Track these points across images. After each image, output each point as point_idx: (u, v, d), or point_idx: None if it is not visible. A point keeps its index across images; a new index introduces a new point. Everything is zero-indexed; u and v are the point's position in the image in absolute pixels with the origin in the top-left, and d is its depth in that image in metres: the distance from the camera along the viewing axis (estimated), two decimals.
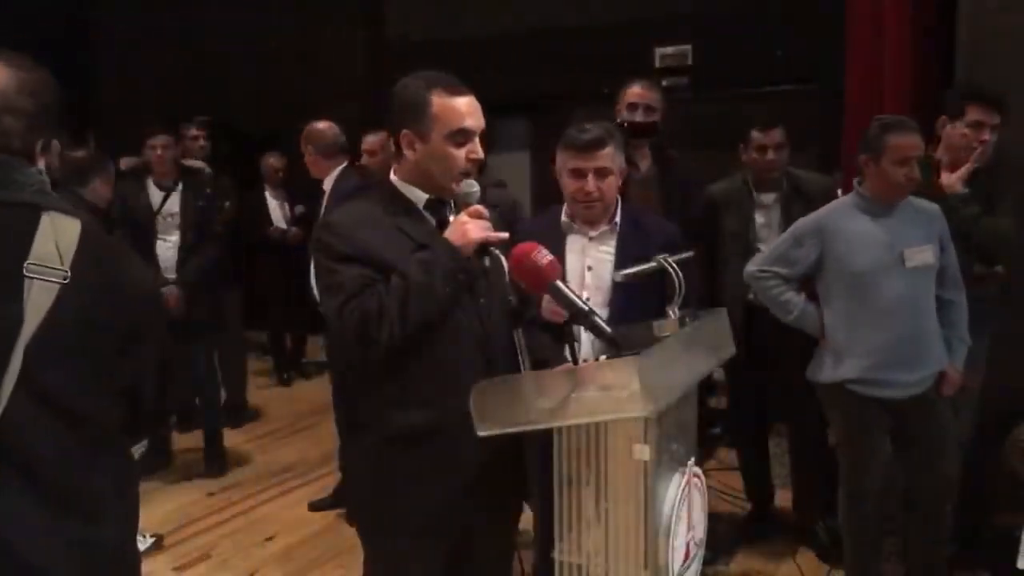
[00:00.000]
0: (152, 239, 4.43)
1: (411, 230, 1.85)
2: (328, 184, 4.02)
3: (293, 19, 7.81)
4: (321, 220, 1.92)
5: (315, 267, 1.88)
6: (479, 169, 1.93)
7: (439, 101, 1.83)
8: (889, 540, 3.27)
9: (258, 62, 7.92)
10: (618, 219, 2.52)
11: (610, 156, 2.42)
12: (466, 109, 1.85)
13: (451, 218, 1.90)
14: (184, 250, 4.47)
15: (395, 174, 1.93)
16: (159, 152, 4.49)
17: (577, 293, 1.82)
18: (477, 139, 1.87)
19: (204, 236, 4.54)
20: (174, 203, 4.53)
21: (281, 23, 7.87)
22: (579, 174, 2.43)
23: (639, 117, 3.33)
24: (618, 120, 3.29)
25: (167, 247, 4.47)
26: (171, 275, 4.43)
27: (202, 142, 5.51)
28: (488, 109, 1.92)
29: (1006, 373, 3.24)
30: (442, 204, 1.92)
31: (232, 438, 5.22)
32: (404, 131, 1.86)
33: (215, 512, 4.13)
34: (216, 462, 4.67)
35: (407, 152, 1.88)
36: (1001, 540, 3.15)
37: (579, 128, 2.45)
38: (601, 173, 2.42)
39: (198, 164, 5.28)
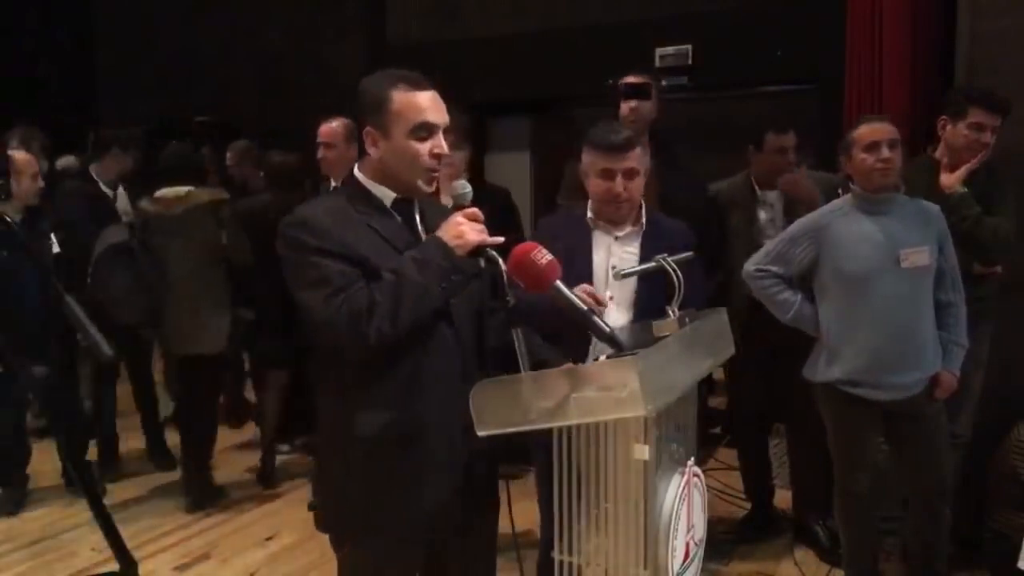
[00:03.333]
0: None
1: (382, 228, 1.83)
2: None
3: (293, 19, 7.81)
4: (293, 217, 1.85)
5: (290, 264, 1.82)
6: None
7: (399, 97, 1.81)
8: (889, 540, 3.28)
9: (258, 62, 7.93)
10: (643, 220, 2.55)
11: (638, 157, 2.44)
12: (427, 104, 1.82)
13: (418, 217, 1.90)
14: None
15: (360, 171, 1.90)
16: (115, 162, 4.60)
17: (578, 294, 1.82)
18: (441, 134, 1.84)
19: None
20: (123, 201, 4.60)
21: (281, 23, 7.88)
22: (609, 175, 2.44)
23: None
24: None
25: None
26: None
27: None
28: (488, 109, 1.91)
29: (1006, 373, 3.24)
30: (409, 204, 1.90)
31: (232, 438, 5.23)
32: (367, 128, 1.85)
33: (215, 512, 4.13)
34: (162, 459, 4.73)
35: (371, 150, 1.86)
36: (1001, 540, 3.15)
37: (607, 128, 2.47)
38: (629, 174, 2.44)
39: None
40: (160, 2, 8.44)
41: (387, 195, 1.88)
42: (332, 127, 3.96)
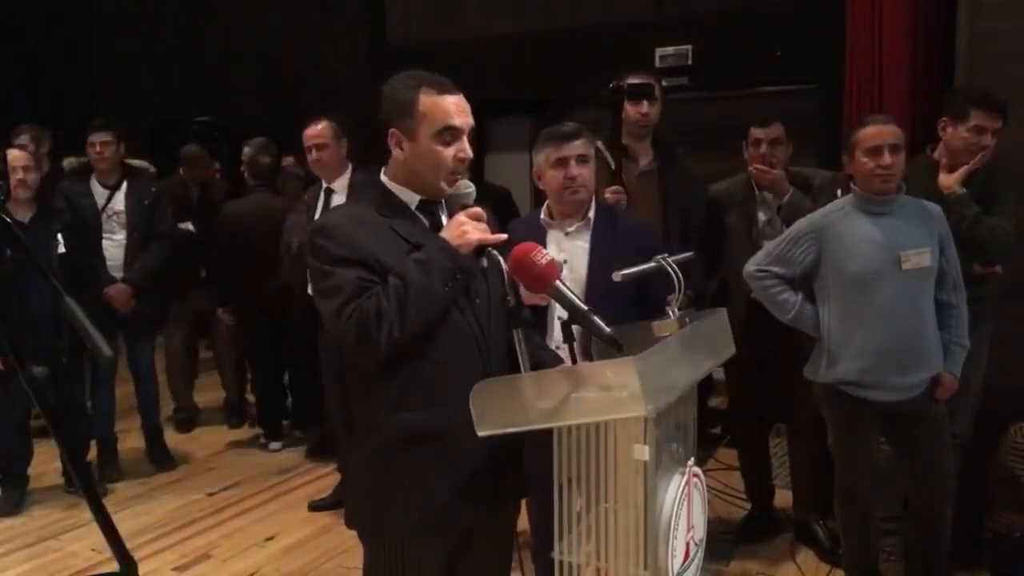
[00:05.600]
0: (99, 237, 4.44)
1: (405, 231, 1.84)
2: (340, 185, 3.98)
3: (293, 19, 7.82)
4: (315, 223, 1.90)
5: (311, 271, 1.86)
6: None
7: (427, 99, 1.83)
8: (889, 540, 3.28)
9: (258, 62, 7.93)
10: (591, 215, 2.66)
11: (585, 147, 2.60)
12: (454, 108, 1.84)
13: (444, 219, 1.90)
14: (131, 249, 4.49)
15: (386, 175, 1.93)
16: (98, 149, 4.49)
17: (577, 293, 1.82)
18: (465, 138, 1.86)
19: (151, 235, 4.55)
20: (118, 202, 4.54)
21: (281, 24, 7.88)
22: (563, 163, 2.60)
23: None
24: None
25: (113, 245, 4.49)
26: (118, 273, 4.45)
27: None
28: (488, 109, 1.92)
29: (1006, 373, 3.24)
30: (434, 205, 1.92)
31: (232, 437, 5.23)
32: (392, 130, 1.86)
33: (215, 512, 4.13)
34: (162, 460, 4.72)
35: (396, 151, 1.88)
36: (1001, 540, 3.15)
37: (552, 126, 2.68)
38: (581, 160, 2.59)
39: (142, 164, 5.28)
40: (160, 2, 8.45)
41: (412, 198, 1.89)
42: (320, 128, 3.94)
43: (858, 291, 2.78)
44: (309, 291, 2.23)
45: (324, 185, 4.01)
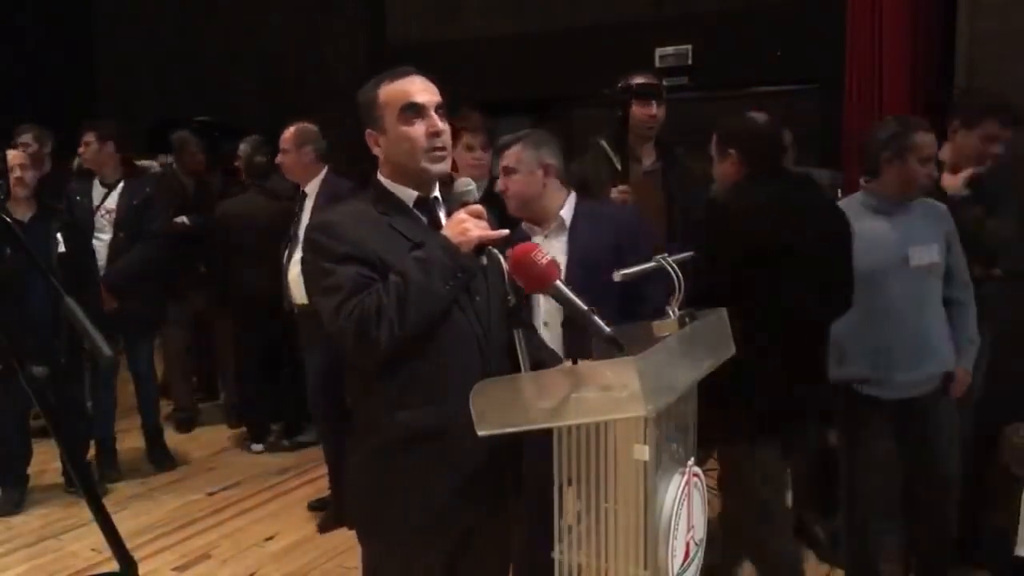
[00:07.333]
0: (90, 235, 4.44)
1: (404, 228, 1.84)
2: (311, 188, 4.00)
3: (293, 19, 7.81)
4: (314, 221, 1.90)
5: (309, 268, 1.85)
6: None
7: (385, 90, 1.86)
8: (889, 540, 3.27)
9: (258, 62, 7.93)
10: (564, 214, 2.68)
11: (513, 156, 2.66)
12: (412, 87, 1.86)
13: (442, 216, 1.90)
14: (114, 248, 4.47)
15: (381, 174, 1.93)
16: (80, 148, 4.52)
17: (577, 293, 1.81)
18: (434, 113, 1.86)
19: (139, 235, 4.51)
20: (112, 201, 4.54)
21: (281, 24, 7.88)
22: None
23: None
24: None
25: (101, 244, 4.49)
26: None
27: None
28: (488, 109, 1.92)
29: (1005, 373, 3.24)
30: (431, 203, 1.92)
31: (232, 437, 5.23)
32: (368, 131, 1.89)
33: (215, 512, 4.14)
34: (162, 460, 4.72)
35: (375, 151, 1.90)
36: (1001, 540, 3.15)
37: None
38: (505, 171, 2.69)
39: (149, 163, 5.26)
40: (160, 2, 8.45)
41: (408, 195, 1.90)
42: (287, 132, 4.01)
43: (867, 288, 2.76)
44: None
45: (302, 189, 4.06)
